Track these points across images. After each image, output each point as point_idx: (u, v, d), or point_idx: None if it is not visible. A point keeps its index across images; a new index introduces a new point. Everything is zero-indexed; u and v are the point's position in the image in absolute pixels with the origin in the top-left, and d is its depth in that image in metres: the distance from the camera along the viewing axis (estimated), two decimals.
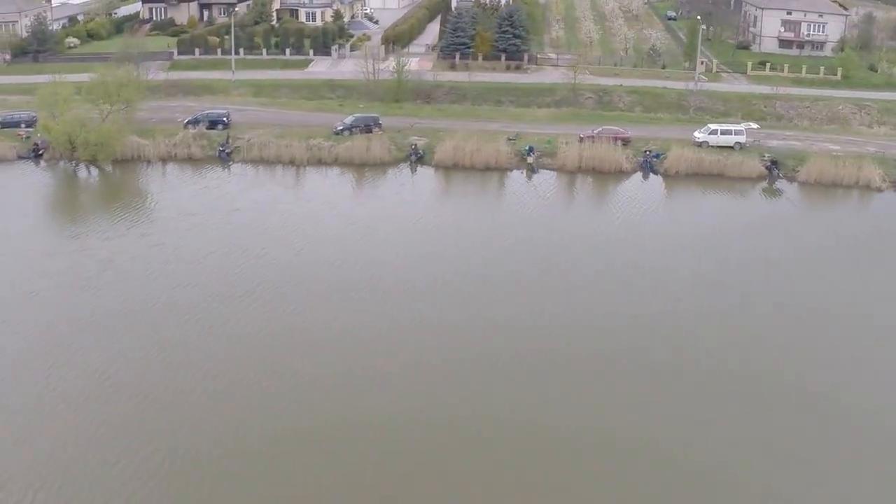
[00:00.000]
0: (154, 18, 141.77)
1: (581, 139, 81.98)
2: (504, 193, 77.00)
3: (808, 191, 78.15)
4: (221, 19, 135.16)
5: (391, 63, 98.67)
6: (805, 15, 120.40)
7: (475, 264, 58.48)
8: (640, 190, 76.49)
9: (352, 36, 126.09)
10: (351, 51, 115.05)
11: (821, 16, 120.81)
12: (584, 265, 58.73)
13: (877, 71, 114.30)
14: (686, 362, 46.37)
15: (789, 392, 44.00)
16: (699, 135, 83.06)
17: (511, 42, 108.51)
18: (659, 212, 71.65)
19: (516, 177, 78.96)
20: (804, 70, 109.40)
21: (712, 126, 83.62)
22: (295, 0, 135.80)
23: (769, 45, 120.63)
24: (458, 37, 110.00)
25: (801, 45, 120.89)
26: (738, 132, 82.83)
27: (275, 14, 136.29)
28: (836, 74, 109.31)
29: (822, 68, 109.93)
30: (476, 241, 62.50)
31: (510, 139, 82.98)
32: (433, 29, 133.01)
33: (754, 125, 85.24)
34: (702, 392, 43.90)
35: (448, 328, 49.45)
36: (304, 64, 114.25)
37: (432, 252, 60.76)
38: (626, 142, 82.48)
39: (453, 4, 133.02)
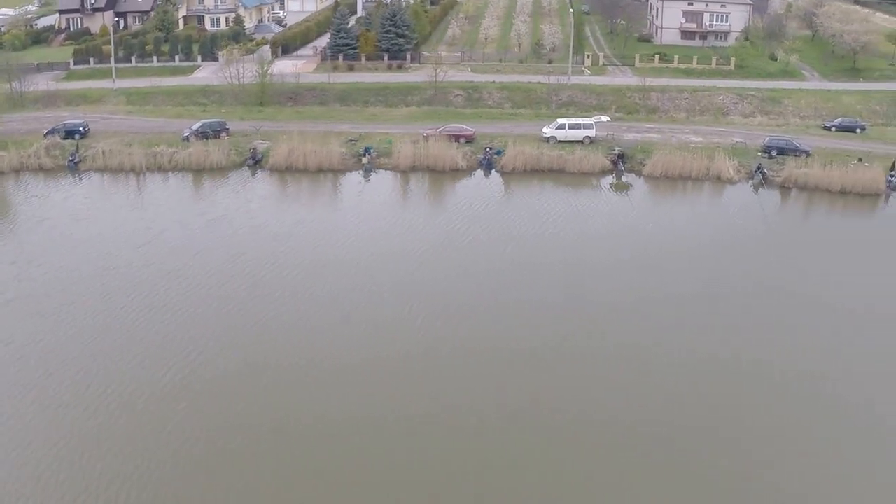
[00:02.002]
0: (70, 28, 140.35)
1: (425, 137, 79.18)
2: (336, 195, 74.03)
3: (654, 184, 74.88)
4: (136, 27, 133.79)
5: (256, 67, 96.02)
6: (707, 5, 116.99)
7: (277, 267, 56.68)
8: (473, 187, 73.38)
9: (251, 41, 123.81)
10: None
11: (723, 6, 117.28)
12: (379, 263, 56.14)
13: (776, 60, 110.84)
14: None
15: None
16: (547, 130, 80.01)
17: (394, 42, 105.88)
18: (486, 209, 68.43)
19: (351, 178, 76.15)
20: (695, 60, 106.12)
21: (560, 120, 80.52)
22: (200, 7, 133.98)
23: (671, 37, 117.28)
24: (341, 38, 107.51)
25: (703, 36, 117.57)
26: (587, 126, 79.71)
27: (181, 21, 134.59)
28: (729, 64, 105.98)
29: (714, 58, 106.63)
30: (296, 244, 60.54)
31: (352, 140, 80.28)
32: None
33: (604, 118, 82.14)
34: None
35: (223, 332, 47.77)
36: (191, 70, 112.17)
37: (239, 254, 58.76)
38: (469, 139, 79.52)
39: (359, 6, 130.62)
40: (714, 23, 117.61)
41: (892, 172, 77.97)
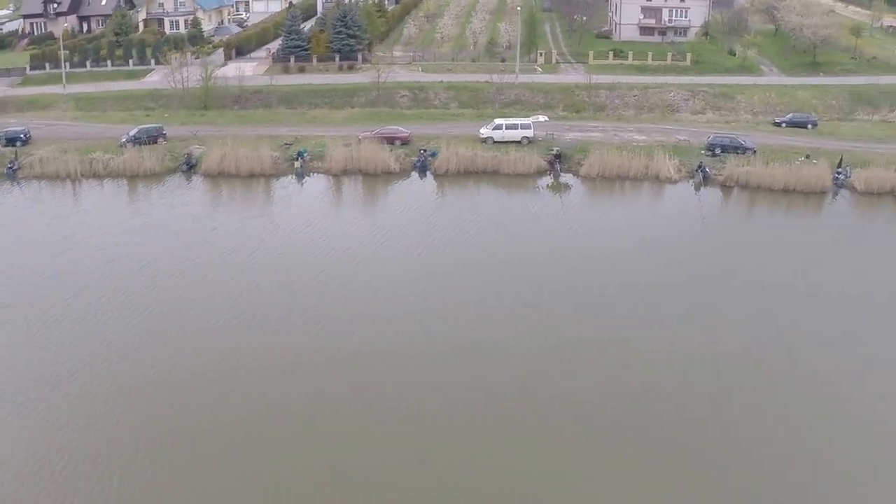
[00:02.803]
0: (34, 33, 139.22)
1: (360, 140, 77.90)
2: (262, 200, 72.31)
3: (590, 185, 73.51)
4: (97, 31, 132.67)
5: (200, 71, 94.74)
6: (666, 1, 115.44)
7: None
8: (402, 191, 72.04)
9: (208, 43, 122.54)
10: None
11: (682, 1, 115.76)
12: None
13: (735, 55, 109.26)
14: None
15: None
16: (484, 131, 78.63)
17: (345, 42, 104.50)
18: (412, 213, 67.11)
19: (283, 183, 74.78)
20: (650, 57, 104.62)
21: (497, 121, 79.14)
22: (160, 10, 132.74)
23: (630, 33, 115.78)
24: (292, 40, 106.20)
25: (662, 32, 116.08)
26: (524, 126, 78.30)
27: (142, 24, 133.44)
28: (685, 60, 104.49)
29: (668, 54, 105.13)
30: (206, 252, 59.41)
31: (287, 144, 79.03)
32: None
33: (542, 118, 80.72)
34: None
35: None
36: (144, 74, 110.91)
37: (148, 263, 57.56)
38: (405, 141, 78.20)
39: (319, 7, 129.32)
40: (673, 18, 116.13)
41: (840, 170, 76.40)
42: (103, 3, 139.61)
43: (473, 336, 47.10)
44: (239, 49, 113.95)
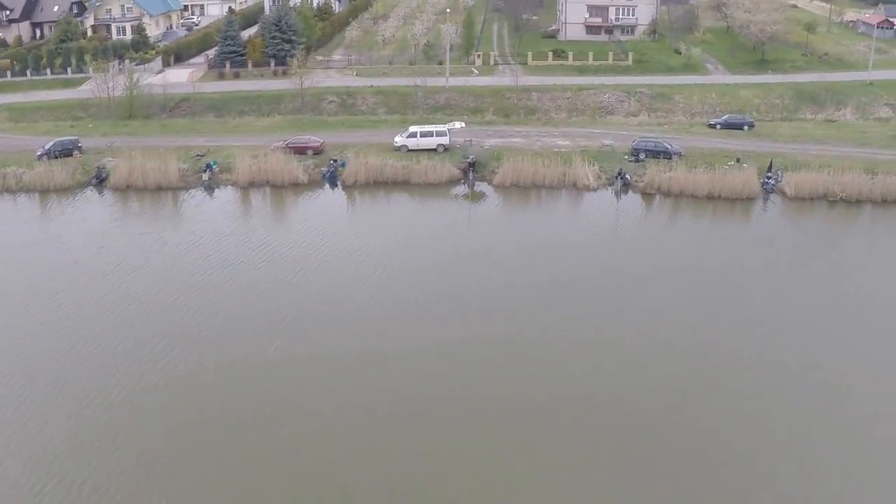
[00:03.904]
0: None
1: (272, 150, 76.00)
2: (164, 214, 70.28)
3: (504, 194, 71.37)
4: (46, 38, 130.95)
5: (124, 78, 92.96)
6: None
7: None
8: (308, 204, 70.08)
9: (152, 49, 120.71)
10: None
11: None
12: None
13: (681, 53, 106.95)
14: None
15: None
16: (399, 139, 76.56)
17: (280, 47, 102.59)
18: (313, 225, 65.25)
19: (190, 196, 72.71)
20: (591, 57, 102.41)
21: (412, 128, 77.02)
22: (107, 16, 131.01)
23: (576, 33, 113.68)
24: (228, 45, 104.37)
25: (609, 31, 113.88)
26: (439, 134, 76.22)
27: (90, 30, 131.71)
28: (627, 60, 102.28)
29: (610, 54, 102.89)
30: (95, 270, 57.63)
31: (199, 155, 77.20)
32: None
33: (458, 124, 78.62)
34: None
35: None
36: (81, 82, 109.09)
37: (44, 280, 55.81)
38: (317, 151, 76.26)
39: (266, 11, 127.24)
40: (620, 17, 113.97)
41: (769, 174, 74.01)
42: (55, 9, 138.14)
43: (358, 346, 46.17)
44: (179, 55, 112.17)
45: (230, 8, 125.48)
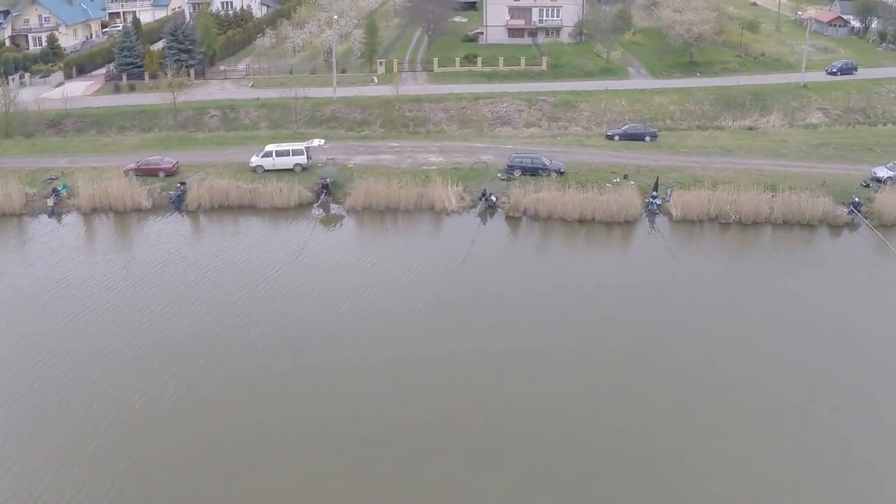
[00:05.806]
0: None
1: (126, 173, 71.54)
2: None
3: (356, 218, 66.13)
4: None
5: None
6: (535, 0, 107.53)
7: None
8: (146, 232, 65.16)
9: (61, 60, 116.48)
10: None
11: (553, 0, 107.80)
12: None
13: (602, 57, 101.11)
14: None
15: None
16: (254, 159, 71.51)
17: (177, 58, 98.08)
18: (146, 255, 60.50)
19: (35, 223, 68.03)
20: (501, 62, 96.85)
21: (269, 147, 71.95)
22: (25, 26, 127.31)
23: (497, 36, 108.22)
24: (125, 57, 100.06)
25: (532, 34, 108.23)
26: (296, 152, 71.15)
27: (8, 40, 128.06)
28: (541, 64, 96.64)
29: (522, 59, 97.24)
30: None
31: (52, 178, 72.81)
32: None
33: (318, 142, 73.58)
34: None
35: None
36: None
37: None
38: (170, 172, 71.57)
39: (187, 16, 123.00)
40: (544, 19, 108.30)
41: (655, 193, 67.84)
42: None
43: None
44: (82, 67, 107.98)
45: (134, 17, 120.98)
